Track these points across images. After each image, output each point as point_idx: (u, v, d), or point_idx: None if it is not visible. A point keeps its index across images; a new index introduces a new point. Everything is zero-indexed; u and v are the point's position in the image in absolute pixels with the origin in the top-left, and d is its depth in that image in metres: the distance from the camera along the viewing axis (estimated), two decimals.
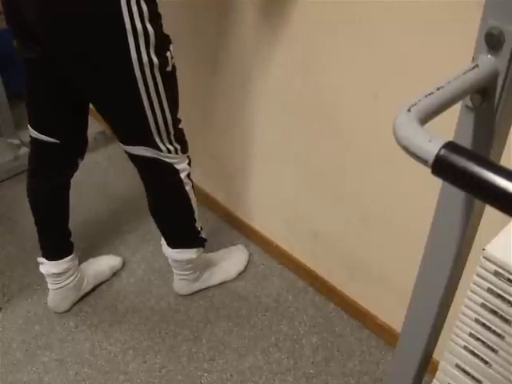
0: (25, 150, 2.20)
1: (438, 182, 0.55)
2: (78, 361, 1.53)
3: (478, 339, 0.73)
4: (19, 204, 2.05)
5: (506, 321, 0.69)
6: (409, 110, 0.48)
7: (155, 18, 1.14)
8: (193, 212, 1.50)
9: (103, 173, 2.19)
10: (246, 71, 1.60)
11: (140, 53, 1.14)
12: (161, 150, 1.32)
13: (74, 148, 1.46)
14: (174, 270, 1.66)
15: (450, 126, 0.61)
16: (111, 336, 1.60)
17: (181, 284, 1.69)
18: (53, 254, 1.56)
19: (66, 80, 1.27)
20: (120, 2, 1.07)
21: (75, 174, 1.54)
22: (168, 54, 1.20)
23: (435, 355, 0.82)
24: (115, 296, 1.72)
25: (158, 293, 1.73)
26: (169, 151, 1.33)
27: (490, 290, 0.69)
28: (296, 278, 1.79)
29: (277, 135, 1.62)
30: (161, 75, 1.19)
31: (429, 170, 0.45)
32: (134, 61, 1.14)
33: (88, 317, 1.65)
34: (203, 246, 1.61)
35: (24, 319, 1.64)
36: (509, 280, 0.66)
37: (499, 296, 0.68)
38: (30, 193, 1.51)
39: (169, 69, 1.22)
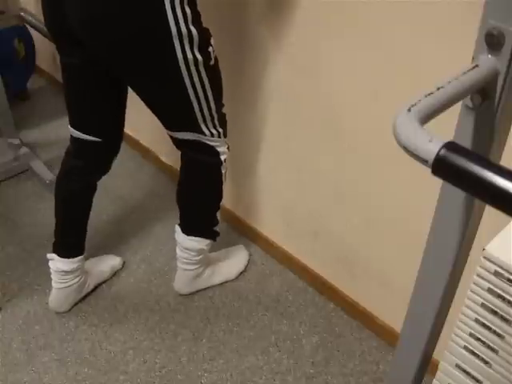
0: (25, 150, 2.21)
1: (438, 182, 0.55)
2: (78, 361, 1.53)
3: (478, 339, 0.73)
4: (19, 204, 2.05)
5: (506, 321, 0.69)
6: (409, 110, 0.48)
7: (197, 19, 1.21)
8: (221, 197, 1.55)
9: None
10: (247, 73, 1.60)
11: (185, 52, 1.20)
12: (204, 134, 1.39)
13: (112, 146, 1.51)
14: (178, 264, 1.66)
15: (450, 126, 0.61)
16: (111, 336, 1.60)
17: (182, 281, 1.69)
18: (66, 252, 1.57)
19: (107, 80, 1.34)
20: (165, 7, 1.13)
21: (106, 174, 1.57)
22: (210, 48, 1.27)
23: (435, 355, 0.82)
24: (115, 296, 1.72)
25: (158, 293, 1.73)
26: (212, 135, 1.40)
27: (490, 290, 0.69)
28: (296, 277, 1.79)
29: (277, 135, 1.62)
30: (205, 70, 1.26)
31: (429, 170, 0.45)
32: (180, 60, 1.21)
33: (88, 317, 1.65)
34: (215, 240, 1.63)
35: (24, 319, 1.64)
36: (509, 280, 0.66)
37: (499, 296, 0.68)
38: (62, 188, 1.54)
39: (212, 62, 1.28)
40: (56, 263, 1.57)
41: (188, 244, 1.59)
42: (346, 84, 1.34)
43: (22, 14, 1.87)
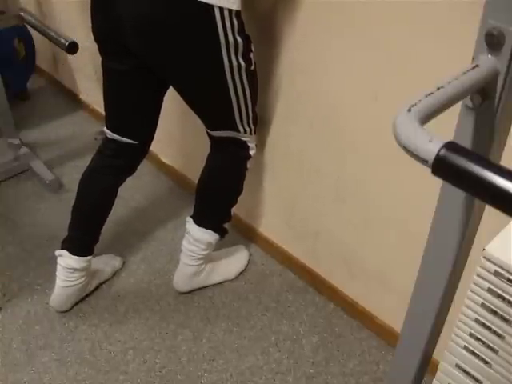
0: (25, 150, 2.21)
1: (438, 182, 0.55)
2: (78, 361, 1.53)
3: (478, 339, 0.73)
4: (19, 204, 2.05)
5: (506, 321, 0.69)
6: (409, 110, 0.48)
7: (243, 28, 1.27)
8: (241, 191, 1.60)
9: None
10: None
11: (231, 60, 1.28)
12: (239, 131, 1.46)
13: (144, 148, 1.56)
14: (181, 258, 1.66)
15: (450, 126, 0.61)
16: (111, 336, 1.60)
17: (181, 277, 1.69)
18: (78, 249, 1.57)
19: (150, 87, 1.42)
20: (215, 18, 1.19)
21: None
22: (251, 55, 1.33)
23: (435, 355, 0.82)
24: (115, 296, 1.72)
25: (158, 293, 1.73)
26: (245, 132, 1.47)
27: (490, 290, 0.69)
28: (296, 278, 1.79)
29: (278, 135, 1.62)
30: (246, 74, 1.33)
31: (429, 170, 0.45)
32: (225, 67, 1.28)
33: (88, 317, 1.65)
34: (222, 237, 1.65)
35: (24, 319, 1.64)
36: (509, 280, 0.66)
37: (499, 296, 0.68)
38: (91, 185, 1.57)
39: (252, 67, 1.35)
40: (66, 259, 1.56)
41: (199, 235, 1.60)
42: (346, 84, 1.34)
43: (22, 14, 1.87)
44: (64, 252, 1.57)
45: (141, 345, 1.58)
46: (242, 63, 1.30)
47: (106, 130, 1.52)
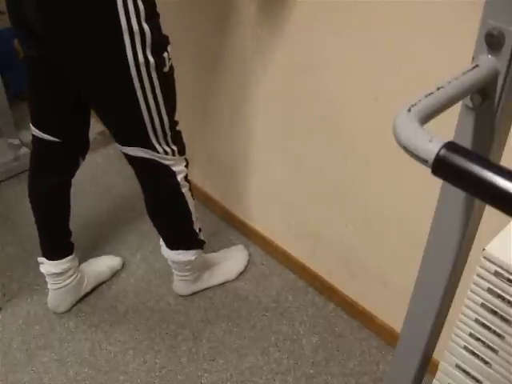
0: (25, 150, 2.21)
1: (438, 182, 0.55)
2: (78, 361, 1.53)
3: (478, 339, 0.73)
4: (19, 204, 2.05)
5: (506, 321, 0.69)
6: (409, 110, 0.48)
7: (152, 18, 1.14)
8: (190, 214, 1.49)
9: (103, 173, 2.19)
10: (246, 72, 1.60)
11: (136, 52, 1.13)
12: (157, 151, 1.32)
13: (75, 147, 1.46)
14: (173, 271, 1.66)
15: (450, 126, 0.61)
16: (111, 336, 1.60)
17: (180, 284, 1.69)
18: (53, 254, 1.56)
19: (66, 79, 1.27)
20: (116, 1, 1.07)
21: (75, 173, 1.54)
22: (165, 54, 1.19)
23: (435, 355, 0.82)
24: (115, 296, 1.72)
25: (158, 293, 1.73)
26: (165, 153, 1.33)
27: (489, 290, 0.69)
28: (296, 278, 1.79)
29: (277, 135, 1.62)
30: (157, 75, 1.19)
31: (429, 170, 0.45)
32: (129, 60, 1.14)
33: (88, 317, 1.65)
34: (202, 248, 1.61)
35: (24, 319, 1.64)
36: (509, 280, 0.66)
37: (499, 296, 0.68)
38: (32, 192, 1.51)
39: (166, 69, 1.21)
40: (46, 267, 1.56)
41: (174, 258, 1.58)
42: (346, 84, 1.34)
43: None
44: (42, 259, 1.57)
45: (141, 345, 1.58)
46: (151, 59, 1.15)
47: (31, 127, 1.41)
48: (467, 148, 0.45)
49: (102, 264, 1.76)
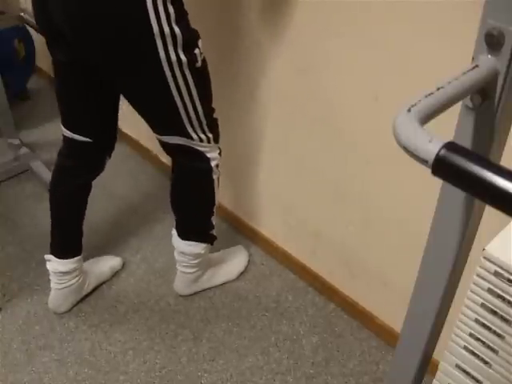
0: (25, 150, 2.21)
1: (438, 182, 0.55)
2: (78, 361, 1.53)
3: (477, 339, 0.73)
4: (19, 204, 2.05)
5: (505, 321, 0.69)
6: (409, 110, 0.48)
7: (182, 18, 1.17)
8: (213, 204, 1.52)
9: (103, 173, 2.19)
10: (247, 73, 1.60)
11: (168, 53, 1.17)
12: (192, 139, 1.36)
13: (104, 146, 1.50)
14: (177, 267, 1.66)
15: (450, 126, 0.61)
16: (111, 336, 1.60)
17: (182, 283, 1.69)
18: (63, 253, 1.57)
19: (97, 80, 1.31)
20: (147, 6, 1.10)
21: (98, 175, 1.56)
22: (196, 50, 1.23)
23: (435, 355, 0.82)
24: (115, 296, 1.72)
25: (158, 293, 1.73)
26: (200, 140, 1.37)
27: (489, 290, 0.69)
28: (296, 278, 1.79)
29: (278, 135, 1.62)
30: (190, 71, 1.23)
31: (429, 170, 0.45)
32: (162, 60, 1.17)
33: (88, 317, 1.65)
34: (212, 244, 1.62)
35: (24, 319, 1.64)
36: (509, 280, 0.66)
37: (499, 296, 0.68)
38: (55, 189, 1.54)
39: (198, 65, 1.25)
40: (53, 264, 1.57)
41: (184, 248, 1.58)
42: (346, 83, 1.34)
43: (22, 14, 1.87)
44: (51, 257, 1.57)
45: (141, 345, 1.58)
46: (183, 58, 1.19)
47: (62, 128, 1.45)
48: (467, 148, 0.45)
49: (103, 264, 1.76)
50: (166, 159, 2.18)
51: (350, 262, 1.60)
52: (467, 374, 0.76)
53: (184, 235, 1.57)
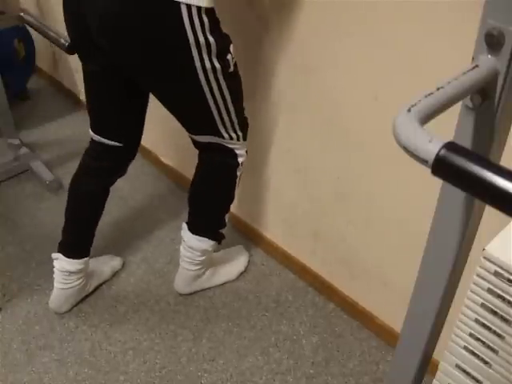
0: (25, 151, 2.21)
1: (438, 182, 0.55)
2: (78, 361, 1.53)
3: (478, 339, 0.73)
4: (19, 204, 2.05)
5: (505, 321, 0.69)
6: (409, 110, 0.48)
7: (215, 27, 1.21)
8: (231, 200, 1.56)
9: None
10: (248, 73, 1.60)
11: (203, 61, 1.21)
12: (224, 138, 1.41)
13: (131, 150, 1.54)
14: (180, 263, 1.66)
15: (450, 126, 0.61)
16: (111, 336, 1.60)
17: (183, 281, 1.69)
18: (73, 252, 1.57)
19: (129, 86, 1.37)
20: (182, 16, 1.13)
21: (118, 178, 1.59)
22: (229, 56, 1.27)
23: (435, 355, 0.82)
24: (115, 296, 1.72)
25: (158, 293, 1.73)
26: (231, 138, 1.41)
27: (489, 291, 0.69)
28: (296, 278, 1.79)
29: (278, 134, 1.62)
30: (224, 77, 1.27)
31: (429, 170, 0.45)
32: (198, 68, 1.21)
33: (88, 317, 1.65)
34: (220, 243, 1.64)
35: (24, 319, 1.64)
36: (509, 280, 0.66)
37: (499, 296, 0.68)
38: (76, 189, 1.56)
39: (231, 70, 1.29)
40: (61, 263, 1.57)
41: (193, 243, 1.59)
42: (347, 83, 1.34)
43: (22, 14, 1.87)
44: (59, 255, 1.57)
45: (141, 345, 1.58)
46: (217, 65, 1.23)
47: (90, 131, 1.50)
48: (467, 148, 0.45)
49: (103, 264, 1.76)
50: (166, 160, 2.19)
51: (350, 262, 1.60)
52: (467, 374, 0.76)
53: (196, 229, 1.58)
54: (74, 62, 2.49)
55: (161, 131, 1.53)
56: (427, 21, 1.11)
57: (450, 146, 0.44)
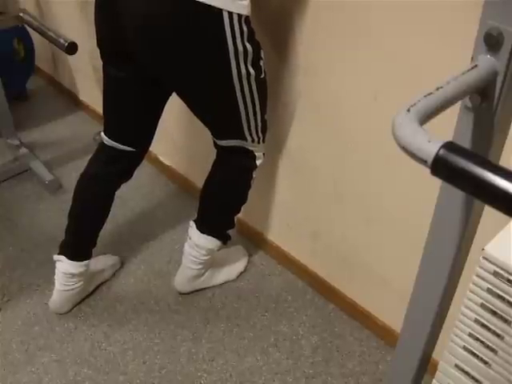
0: (24, 151, 2.21)
1: (437, 182, 0.55)
2: (78, 361, 1.53)
3: (477, 339, 0.73)
4: (19, 205, 2.05)
5: (505, 321, 0.69)
6: (408, 110, 0.48)
7: (253, 36, 1.23)
8: (245, 201, 1.58)
9: None
10: None
11: (240, 67, 1.23)
12: (246, 140, 1.43)
13: (141, 155, 1.54)
14: (183, 260, 1.66)
15: (450, 126, 0.61)
16: (111, 336, 1.60)
17: (183, 279, 1.69)
18: (76, 254, 1.57)
19: (152, 95, 1.40)
20: (224, 24, 1.15)
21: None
22: (261, 62, 1.29)
23: (435, 355, 0.82)
24: (115, 296, 1.72)
25: (158, 293, 1.73)
26: (253, 140, 1.44)
27: (489, 291, 0.69)
28: (296, 278, 1.79)
29: (277, 135, 1.62)
30: (256, 82, 1.29)
31: (428, 170, 0.45)
32: (234, 75, 1.24)
33: (87, 317, 1.65)
34: (225, 243, 1.64)
35: (24, 320, 1.64)
36: (508, 280, 0.66)
37: (499, 296, 0.68)
38: (86, 191, 1.56)
39: (262, 76, 1.31)
40: (64, 265, 1.56)
41: (200, 241, 1.59)
42: (347, 83, 1.34)
43: (22, 14, 1.87)
44: (62, 257, 1.56)
45: (140, 345, 1.58)
46: (252, 71, 1.26)
47: (103, 135, 1.49)
48: (466, 148, 0.45)
49: (103, 264, 1.76)
50: (165, 159, 2.19)
51: (350, 262, 1.60)
52: (467, 374, 0.76)
53: (204, 228, 1.59)
54: (74, 62, 2.49)
55: (162, 132, 1.52)
56: (427, 21, 1.11)
57: (449, 146, 0.44)
